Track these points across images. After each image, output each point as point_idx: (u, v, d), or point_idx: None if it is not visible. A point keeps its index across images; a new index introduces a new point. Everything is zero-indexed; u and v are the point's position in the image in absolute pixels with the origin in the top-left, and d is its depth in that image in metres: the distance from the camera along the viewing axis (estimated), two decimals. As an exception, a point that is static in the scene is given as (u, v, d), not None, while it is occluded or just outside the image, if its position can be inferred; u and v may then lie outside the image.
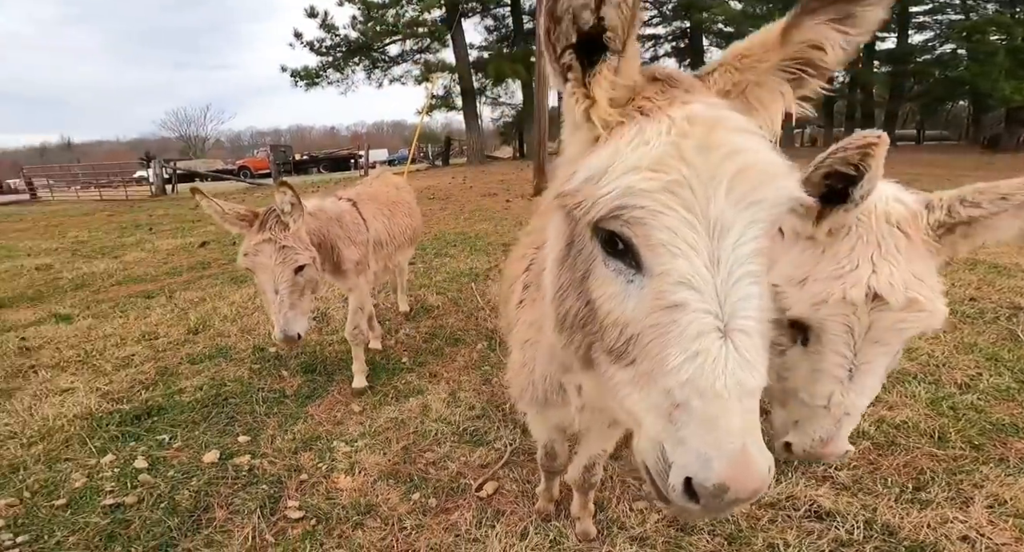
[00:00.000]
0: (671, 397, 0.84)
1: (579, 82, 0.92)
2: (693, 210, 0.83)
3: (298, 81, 26.63)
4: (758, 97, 0.98)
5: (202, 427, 3.19)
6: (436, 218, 10.87)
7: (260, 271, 2.87)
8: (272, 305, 2.87)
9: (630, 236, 0.86)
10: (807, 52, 0.95)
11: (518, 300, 1.63)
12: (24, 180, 27.62)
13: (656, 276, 0.85)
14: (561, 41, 0.89)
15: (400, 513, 2.42)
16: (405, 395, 3.53)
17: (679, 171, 0.82)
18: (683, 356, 0.82)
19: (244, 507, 2.49)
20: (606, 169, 0.86)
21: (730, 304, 0.83)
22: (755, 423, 0.82)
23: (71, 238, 11.19)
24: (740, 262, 0.84)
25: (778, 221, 0.89)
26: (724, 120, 0.87)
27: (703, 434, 0.80)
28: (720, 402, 0.80)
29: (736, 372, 0.81)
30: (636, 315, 0.88)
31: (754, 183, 0.84)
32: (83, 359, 4.25)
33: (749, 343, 0.83)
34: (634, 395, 0.91)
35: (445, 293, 5.58)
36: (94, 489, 2.64)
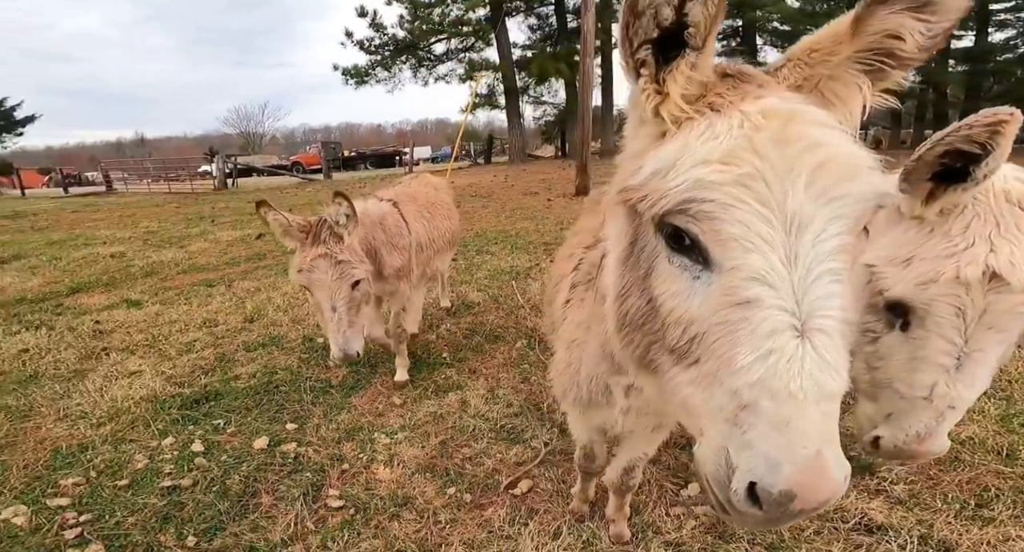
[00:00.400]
0: (738, 398, 0.79)
1: (652, 78, 0.90)
2: (768, 204, 0.78)
3: (348, 79, 27.41)
4: (833, 91, 0.94)
5: (254, 413, 3.35)
6: (478, 216, 10.96)
7: (317, 288, 2.75)
8: (329, 323, 2.75)
9: (697, 232, 0.83)
10: (884, 42, 0.89)
11: (565, 299, 1.63)
12: (102, 173, 29.82)
13: (726, 272, 0.81)
14: (640, 36, 0.87)
15: (435, 506, 2.48)
16: (444, 390, 3.59)
17: (752, 164, 0.79)
18: (754, 355, 0.78)
19: (288, 494, 2.60)
20: (674, 163, 0.83)
21: (808, 302, 0.78)
22: (833, 431, 0.77)
23: (142, 228, 11.95)
24: (820, 259, 0.79)
25: (863, 218, 0.84)
26: (801, 113, 0.83)
27: (773, 437, 0.76)
28: (794, 404, 0.75)
29: (814, 373, 0.76)
30: (702, 313, 0.84)
31: (836, 177, 0.79)
32: (150, 343, 4.55)
33: (829, 344, 0.77)
34: (696, 397, 0.87)
35: (486, 290, 5.63)
36: (154, 471, 2.81)
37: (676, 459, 2.72)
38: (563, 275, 1.74)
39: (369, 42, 27.17)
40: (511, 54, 28.24)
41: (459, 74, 28.42)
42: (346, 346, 2.76)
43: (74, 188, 29.38)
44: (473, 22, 26.77)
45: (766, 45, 30.44)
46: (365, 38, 27.03)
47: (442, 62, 28.87)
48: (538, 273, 6.15)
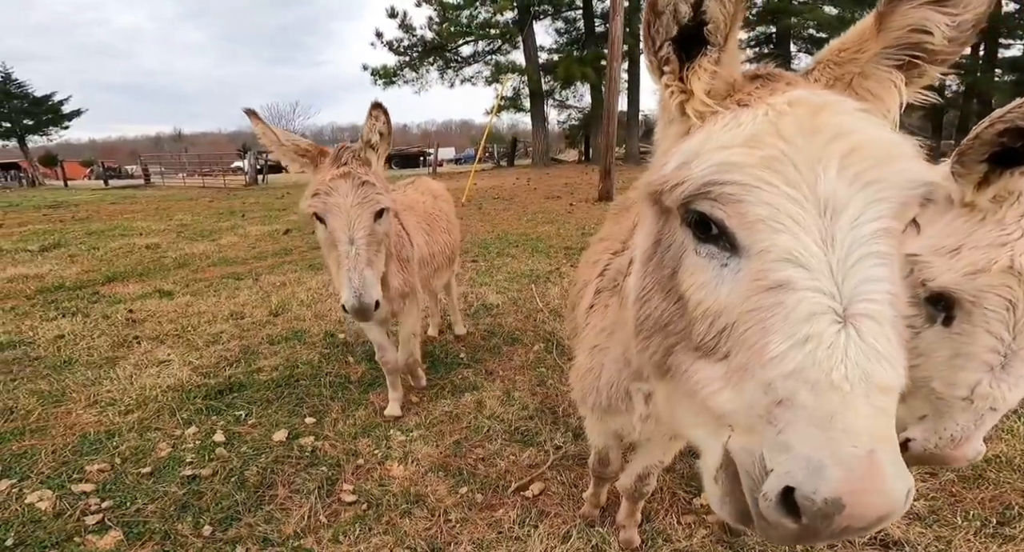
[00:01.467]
0: (772, 393, 0.71)
1: (675, 75, 0.91)
2: (798, 187, 0.75)
3: (377, 79, 27.85)
4: (867, 88, 0.92)
5: (274, 406, 3.42)
6: (499, 218, 10.99)
7: (333, 214, 2.31)
8: (343, 260, 2.30)
9: (722, 216, 0.79)
10: (911, 37, 0.89)
11: (588, 305, 1.62)
12: (140, 167, 30.91)
13: (755, 255, 0.76)
14: (661, 34, 0.88)
15: (447, 505, 2.50)
16: (461, 390, 3.62)
17: (777, 147, 0.76)
18: (788, 342, 0.71)
19: (304, 487, 2.65)
20: (697, 152, 0.82)
21: (850, 286, 0.72)
22: (889, 432, 0.68)
23: (177, 221, 12.33)
24: (861, 241, 0.73)
25: (909, 206, 0.78)
26: (832, 103, 0.81)
27: (815, 436, 0.67)
28: (838, 396, 0.67)
29: (861, 362, 0.68)
30: (731, 301, 0.79)
31: (871, 161, 0.75)
32: (179, 333, 4.68)
33: (878, 331, 0.70)
34: (724, 394, 0.79)
35: (505, 292, 5.64)
36: (176, 459, 2.87)
37: (690, 467, 2.69)
38: (587, 281, 1.74)
39: (398, 43, 27.60)
40: (537, 57, 28.35)
41: (485, 76, 28.65)
42: (363, 290, 2.26)
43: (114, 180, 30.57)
44: (501, 25, 26.97)
45: (800, 52, 29.80)
46: (395, 39, 27.50)
47: (469, 64, 29.16)
48: (558, 277, 6.14)
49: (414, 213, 3.48)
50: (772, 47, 30.27)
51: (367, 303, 2.28)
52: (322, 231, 2.43)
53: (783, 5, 25.29)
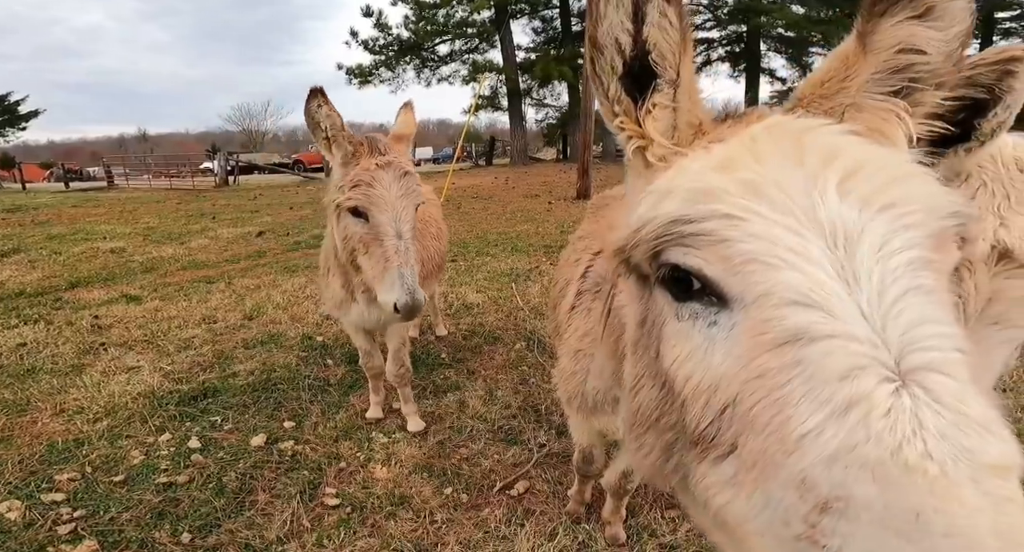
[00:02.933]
0: (811, 492, 0.51)
1: (630, 117, 0.81)
2: (792, 213, 0.60)
3: (352, 79, 27.48)
4: (864, 123, 0.77)
5: (252, 411, 3.35)
6: (478, 217, 10.97)
7: (378, 207, 2.15)
8: (392, 256, 2.12)
9: (700, 264, 0.63)
10: (901, 58, 0.78)
11: (570, 305, 1.59)
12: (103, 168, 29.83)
13: (752, 304, 0.60)
14: (607, 71, 0.78)
15: (432, 506, 2.47)
16: (443, 390, 3.59)
17: (756, 171, 0.64)
18: (822, 413, 0.52)
19: (285, 492, 2.60)
20: (668, 190, 0.69)
21: (896, 333, 0.53)
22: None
23: (143, 224, 11.95)
24: (895, 275, 0.56)
25: (943, 243, 0.62)
26: (818, 125, 0.70)
27: (897, 547, 0.46)
28: (924, 483, 0.46)
29: (949, 432, 0.49)
30: (727, 369, 0.61)
31: (878, 182, 0.61)
32: (149, 339, 4.54)
33: (959, 389, 0.51)
34: (739, 506, 0.59)
35: (485, 292, 5.63)
36: (150, 467, 2.79)
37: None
38: (568, 280, 1.72)
39: (374, 42, 27.29)
40: (515, 56, 28.40)
41: (462, 75, 28.55)
42: (415, 286, 2.11)
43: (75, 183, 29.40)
44: (477, 24, 26.94)
45: (770, 50, 30.57)
46: (370, 38, 27.17)
47: (446, 63, 29.02)
48: (538, 275, 6.16)
49: None
50: (743, 46, 31.01)
51: (420, 301, 2.14)
52: (358, 226, 2.22)
53: (753, 4, 25.87)
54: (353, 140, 2.28)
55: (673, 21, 0.75)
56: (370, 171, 2.19)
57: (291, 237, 9.52)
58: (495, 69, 27.80)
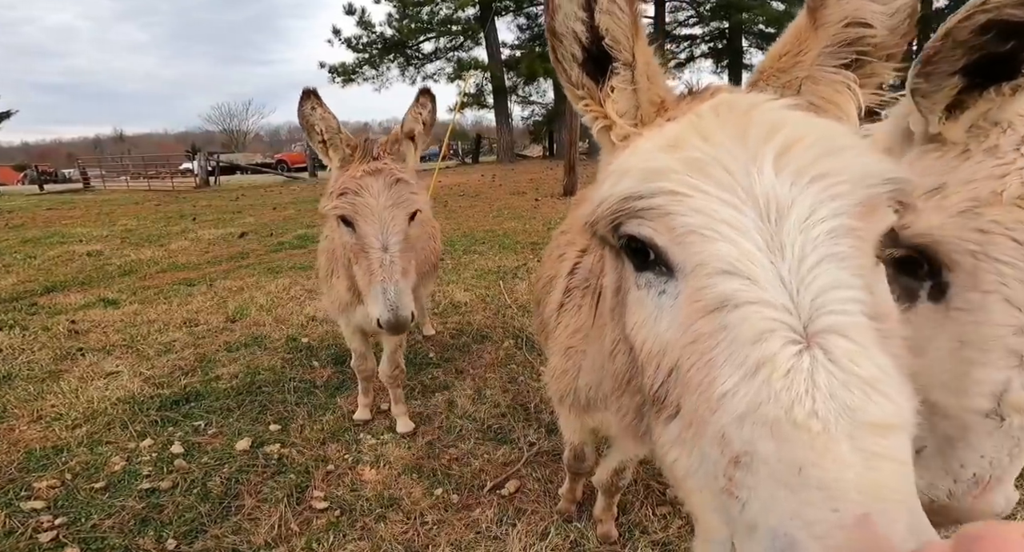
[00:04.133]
0: (728, 447, 0.56)
1: (595, 101, 0.86)
2: (731, 190, 0.64)
3: (335, 77, 27.21)
4: (818, 94, 0.84)
5: (236, 414, 3.28)
6: (465, 215, 10.92)
7: (364, 217, 2.07)
8: (375, 269, 2.05)
9: (651, 233, 0.68)
10: (850, 31, 0.82)
11: (558, 303, 1.57)
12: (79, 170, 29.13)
13: (690, 274, 0.65)
14: (568, 58, 0.83)
15: (422, 507, 2.45)
16: (431, 390, 3.56)
17: (701, 149, 0.68)
18: (738, 374, 0.56)
19: (272, 496, 2.56)
20: (624, 170, 0.74)
21: (809, 297, 0.57)
22: (899, 486, 0.50)
23: (120, 226, 11.69)
24: (815, 244, 0.60)
25: (874, 209, 0.65)
26: (762, 101, 0.74)
27: (782, 498, 0.50)
28: (808, 439, 0.50)
29: (837, 392, 0.52)
30: (671, 335, 0.66)
31: (814, 155, 0.65)
32: (128, 343, 4.43)
33: (855, 350, 0.54)
34: (682, 461, 0.64)
35: (473, 290, 5.60)
36: (132, 473, 2.74)
37: (663, 458, 2.73)
38: (552, 276, 1.70)
39: (357, 40, 27.02)
40: (500, 53, 28.33)
41: (447, 73, 28.45)
42: (398, 302, 2.01)
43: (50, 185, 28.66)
44: (462, 21, 26.81)
45: (752, 47, 30.92)
46: (353, 36, 26.91)
47: (430, 61, 28.85)
48: (525, 273, 6.14)
49: None
50: (725, 42, 31.30)
51: (404, 317, 2.05)
52: (347, 236, 2.17)
53: (735, 1, 26.12)
54: (351, 143, 2.19)
55: (623, 7, 0.80)
56: (357, 178, 2.08)
57: (274, 238, 9.38)
58: (480, 67, 27.71)
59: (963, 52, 0.88)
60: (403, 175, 2.13)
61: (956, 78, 0.90)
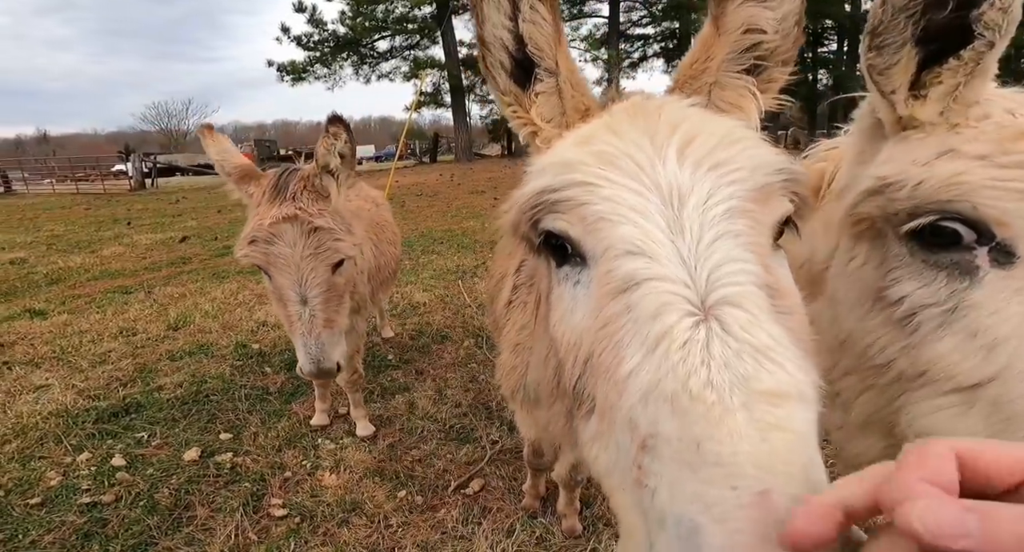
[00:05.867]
0: (636, 431, 0.53)
1: (522, 107, 0.88)
2: (637, 178, 0.67)
3: (284, 76, 26.32)
4: (724, 99, 0.90)
5: (182, 424, 3.13)
6: (423, 215, 10.81)
7: (278, 268, 1.91)
8: (295, 323, 1.95)
9: (565, 226, 0.69)
10: (748, 38, 0.88)
11: (507, 300, 1.59)
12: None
13: (600, 258, 0.65)
14: (496, 66, 0.86)
15: (386, 511, 2.41)
16: (391, 392, 3.50)
17: (611, 143, 0.72)
18: (641, 352, 0.56)
19: (226, 505, 2.46)
20: (541, 169, 0.76)
21: (706, 272, 0.59)
22: (797, 458, 0.48)
23: (46, 232, 10.90)
24: (712, 223, 0.63)
25: (769, 195, 0.68)
26: (669, 102, 0.79)
27: (684, 479, 0.48)
28: (704, 411, 0.49)
29: (731, 361, 0.52)
30: (585, 323, 0.66)
31: (712, 145, 0.69)
32: (58, 355, 4.15)
33: (748, 320, 0.55)
34: (601, 458, 0.61)
35: (432, 290, 5.55)
36: (70, 487, 2.59)
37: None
38: (503, 273, 1.71)
39: (307, 38, 26.27)
40: (457, 52, 28.17)
41: (403, 72, 28.08)
42: (321, 356, 1.94)
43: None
44: (418, 19, 26.50)
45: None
46: (303, 34, 26.13)
47: (386, 59, 28.40)
48: (484, 272, 6.14)
49: (362, 222, 2.91)
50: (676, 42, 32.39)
51: (327, 369, 1.99)
52: (266, 280, 2.03)
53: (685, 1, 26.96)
54: (260, 181, 1.98)
55: (545, 16, 0.83)
56: (265, 228, 1.87)
57: (219, 242, 8.97)
58: (437, 65, 27.51)
59: (907, 18, 0.83)
60: (322, 221, 1.91)
61: (908, 48, 0.85)
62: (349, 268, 2.07)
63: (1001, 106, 0.83)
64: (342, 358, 2.02)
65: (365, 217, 3.06)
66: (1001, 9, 0.76)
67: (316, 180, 1.98)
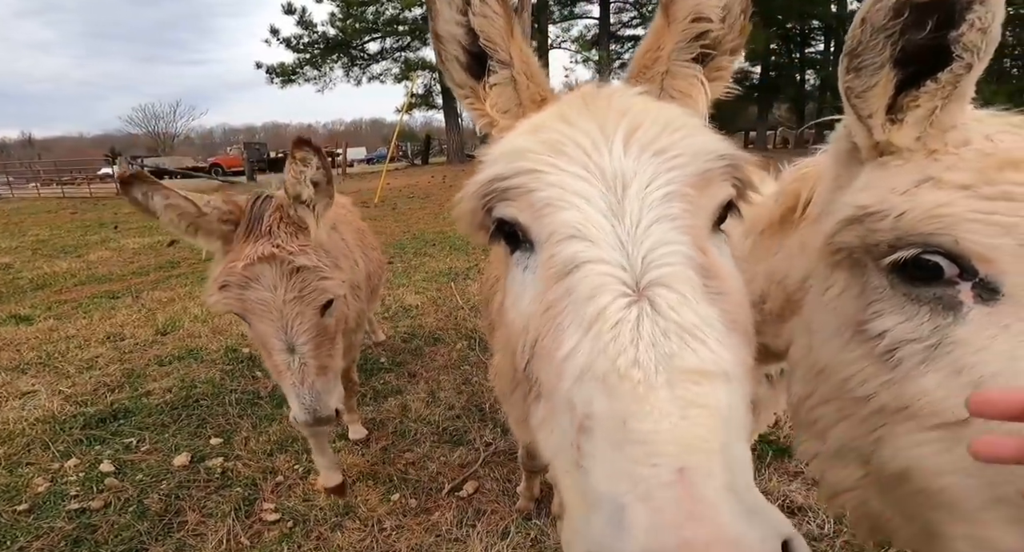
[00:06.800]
0: (574, 412, 0.55)
1: (478, 99, 0.90)
2: (584, 166, 0.69)
3: (274, 78, 26.17)
4: (676, 88, 0.92)
5: (172, 429, 3.10)
6: (415, 217, 10.78)
7: (258, 316, 1.69)
8: (284, 373, 1.75)
9: (515, 213, 0.71)
10: (695, 27, 0.91)
11: (500, 302, 1.61)
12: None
13: (544, 244, 0.67)
14: (452, 61, 0.87)
15: (379, 514, 2.39)
16: (384, 395, 3.49)
17: (560, 131, 0.73)
18: (577, 334, 0.57)
19: (218, 510, 2.43)
20: (493, 158, 0.77)
21: (641, 255, 0.60)
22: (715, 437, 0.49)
23: (31, 236, 10.74)
24: (649, 207, 0.64)
25: (710, 181, 0.70)
26: (618, 90, 0.81)
27: (612, 459, 0.49)
28: (628, 390, 0.51)
29: (658, 340, 0.53)
30: (531, 308, 0.67)
31: (656, 132, 0.71)
32: (44, 361, 4.09)
33: (677, 300, 0.57)
34: (547, 442, 0.63)
35: (424, 292, 5.54)
36: (58, 494, 2.56)
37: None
38: (498, 276, 1.72)
39: (297, 40, 26.11)
40: (447, 55, 28.11)
41: (394, 74, 27.97)
42: (317, 405, 1.75)
43: (-55, 191, 25.79)
44: (409, 21, 26.42)
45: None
46: (293, 36, 25.96)
47: (376, 61, 28.28)
48: (476, 274, 6.14)
49: (347, 228, 2.69)
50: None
51: (325, 417, 1.79)
52: (245, 325, 1.82)
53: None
54: (228, 215, 1.74)
55: (496, 9, 0.85)
56: (243, 269, 1.64)
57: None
58: (428, 67, 27.42)
59: (885, 38, 0.80)
60: (305, 260, 1.68)
61: (887, 70, 0.82)
62: (339, 307, 1.87)
63: (979, 131, 0.81)
64: (340, 403, 1.86)
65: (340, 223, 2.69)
66: (981, 30, 0.74)
67: (292, 211, 1.76)
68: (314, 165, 1.70)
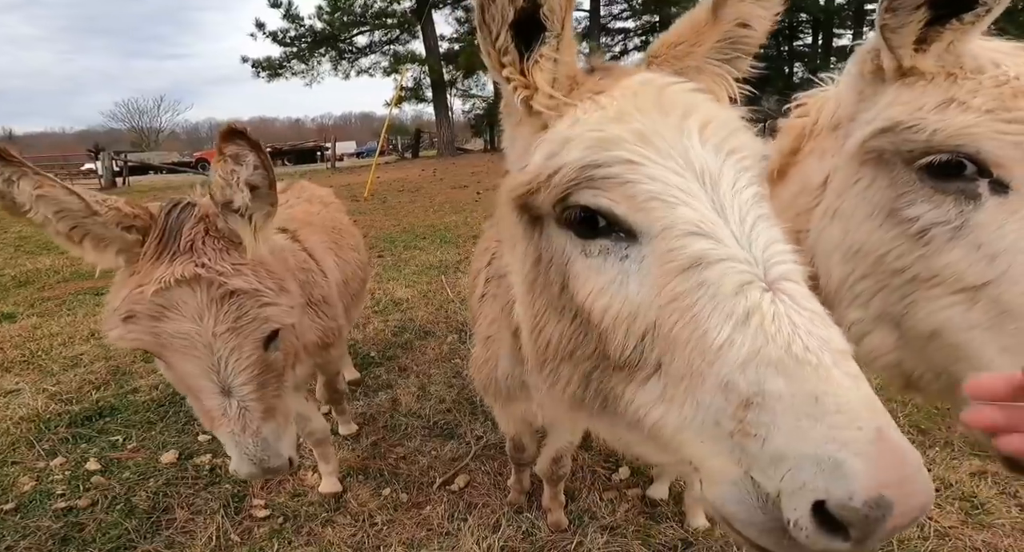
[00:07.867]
0: (733, 393, 0.61)
1: (516, 68, 0.84)
2: (673, 158, 0.71)
3: (260, 72, 25.78)
4: (699, 81, 0.92)
5: (159, 427, 3.07)
6: (405, 210, 10.72)
7: (179, 353, 1.32)
8: (216, 418, 1.39)
9: (609, 203, 0.71)
10: (737, 31, 0.95)
11: (480, 294, 1.60)
12: (-41, 170, 25.81)
13: (658, 236, 0.69)
14: (497, 20, 0.80)
15: (371, 509, 2.39)
16: (374, 390, 3.48)
17: (643, 122, 0.74)
18: (729, 325, 0.62)
19: (207, 507, 2.42)
20: (567, 138, 0.76)
21: (758, 251, 0.66)
22: (877, 399, 0.59)
23: (13, 233, 10.52)
24: (748, 207, 0.70)
25: (762, 177, 0.78)
26: (674, 83, 0.83)
27: (808, 427, 0.56)
28: (811, 372, 0.58)
29: (812, 328, 0.61)
30: (644, 297, 0.69)
31: (724, 133, 0.76)
32: (28, 359, 4.03)
33: (805, 293, 0.65)
34: (672, 417, 0.68)
35: (414, 286, 5.51)
36: (44, 493, 2.54)
37: (605, 443, 2.81)
38: (479, 269, 1.71)
39: (283, 34, 25.66)
40: (438, 47, 27.80)
41: (383, 67, 27.56)
42: (264, 455, 1.41)
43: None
44: (398, 14, 26.08)
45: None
46: (279, 29, 25.52)
47: (365, 55, 27.87)
48: (467, 267, 6.12)
49: (315, 230, 2.41)
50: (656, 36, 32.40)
51: (276, 467, 1.46)
52: (161, 366, 1.45)
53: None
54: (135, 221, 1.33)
55: None
56: (147, 298, 1.26)
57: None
58: (418, 60, 27.10)
59: None
60: (240, 281, 1.32)
61: (921, 11, 0.96)
62: (288, 338, 1.54)
63: (988, 58, 0.98)
64: (293, 449, 1.52)
65: (318, 223, 2.55)
66: None
67: (221, 222, 1.38)
68: (251, 164, 1.31)
